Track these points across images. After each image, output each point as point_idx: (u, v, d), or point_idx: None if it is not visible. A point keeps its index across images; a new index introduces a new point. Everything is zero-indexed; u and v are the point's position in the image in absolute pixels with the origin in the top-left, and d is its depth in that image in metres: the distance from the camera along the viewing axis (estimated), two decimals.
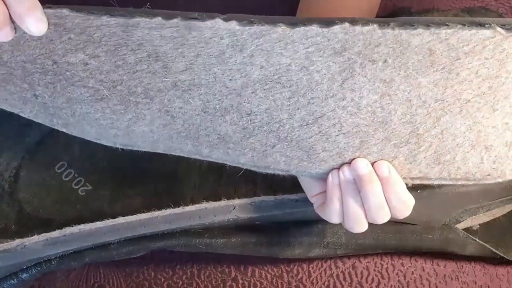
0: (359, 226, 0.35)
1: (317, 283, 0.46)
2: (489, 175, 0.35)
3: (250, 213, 0.41)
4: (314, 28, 0.30)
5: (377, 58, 0.31)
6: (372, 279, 0.46)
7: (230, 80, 0.32)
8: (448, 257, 0.46)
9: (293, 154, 0.35)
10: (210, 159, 0.36)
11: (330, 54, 0.31)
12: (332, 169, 0.35)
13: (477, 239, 0.45)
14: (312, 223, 0.44)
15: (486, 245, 0.44)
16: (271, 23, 0.31)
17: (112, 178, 0.49)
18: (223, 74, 0.32)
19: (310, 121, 0.33)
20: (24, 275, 0.42)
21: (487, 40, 0.30)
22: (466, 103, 0.32)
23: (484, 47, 0.31)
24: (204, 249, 0.43)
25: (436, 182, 0.36)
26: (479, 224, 0.47)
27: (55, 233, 0.39)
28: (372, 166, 0.34)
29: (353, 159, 0.34)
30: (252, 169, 0.36)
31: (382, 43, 0.31)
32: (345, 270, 0.46)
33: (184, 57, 0.32)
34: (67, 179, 0.49)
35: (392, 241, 0.45)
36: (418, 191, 0.43)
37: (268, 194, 0.47)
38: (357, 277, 0.46)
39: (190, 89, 0.33)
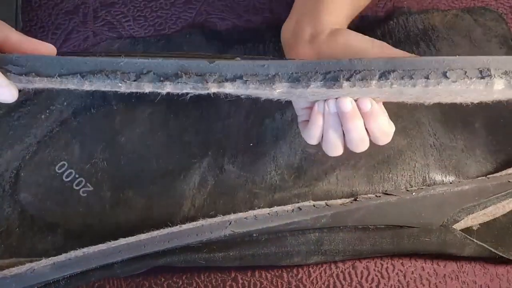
0: (335, 151, 0.39)
1: (317, 283, 0.46)
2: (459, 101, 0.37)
3: (246, 227, 0.42)
4: (316, 89, 0.32)
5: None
6: (372, 279, 0.46)
7: None
8: (448, 257, 0.46)
9: (284, 96, 0.36)
10: None
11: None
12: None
13: (475, 240, 0.44)
14: (308, 232, 0.45)
15: (485, 245, 0.44)
16: (268, 83, 0.31)
17: (112, 179, 0.49)
18: None
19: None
20: None
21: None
22: (455, 93, 0.34)
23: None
24: (204, 263, 0.44)
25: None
26: (479, 224, 0.47)
27: (61, 257, 0.41)
28: (356, 101, 0.36)
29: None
30: None
31: (376, 91, 0.33)
32: (345, 270, 0.46)
33: None
34: (68, 179, 0.49)
35: (389, 246, 0.45)
36: (413, 194, 0.43)
37: (268, 194, 0.47)
38: (357, 277, 0.46)
39: None
